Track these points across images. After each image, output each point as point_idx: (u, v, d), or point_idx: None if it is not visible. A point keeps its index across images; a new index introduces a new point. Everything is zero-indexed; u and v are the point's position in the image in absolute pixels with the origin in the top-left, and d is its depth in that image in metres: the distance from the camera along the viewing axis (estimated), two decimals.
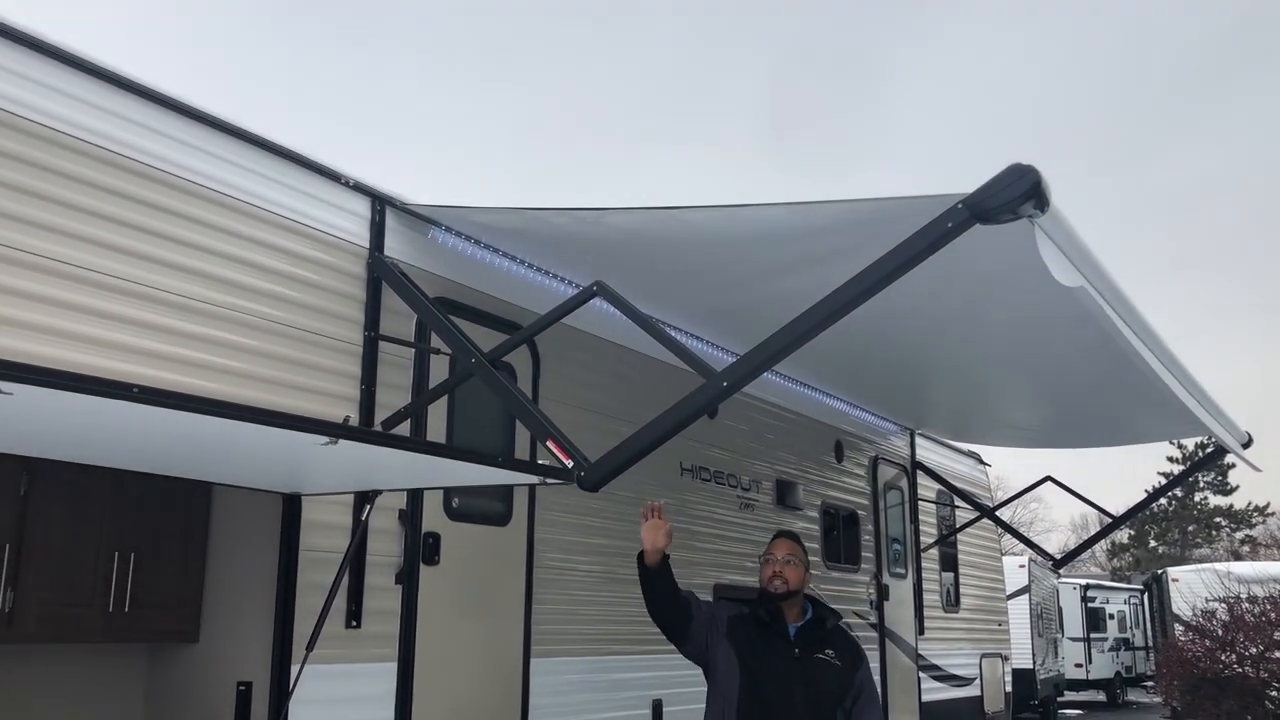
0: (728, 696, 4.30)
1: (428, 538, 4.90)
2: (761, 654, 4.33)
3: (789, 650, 4.34)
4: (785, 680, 4.28)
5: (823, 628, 4.46)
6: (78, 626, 4.06)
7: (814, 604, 4.55)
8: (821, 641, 4.41)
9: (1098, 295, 4.12)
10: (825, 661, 4.35)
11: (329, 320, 4.59)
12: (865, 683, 4.40)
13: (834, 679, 4.32)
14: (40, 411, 2.77)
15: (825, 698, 4.28)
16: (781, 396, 8.00)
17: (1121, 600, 31.89)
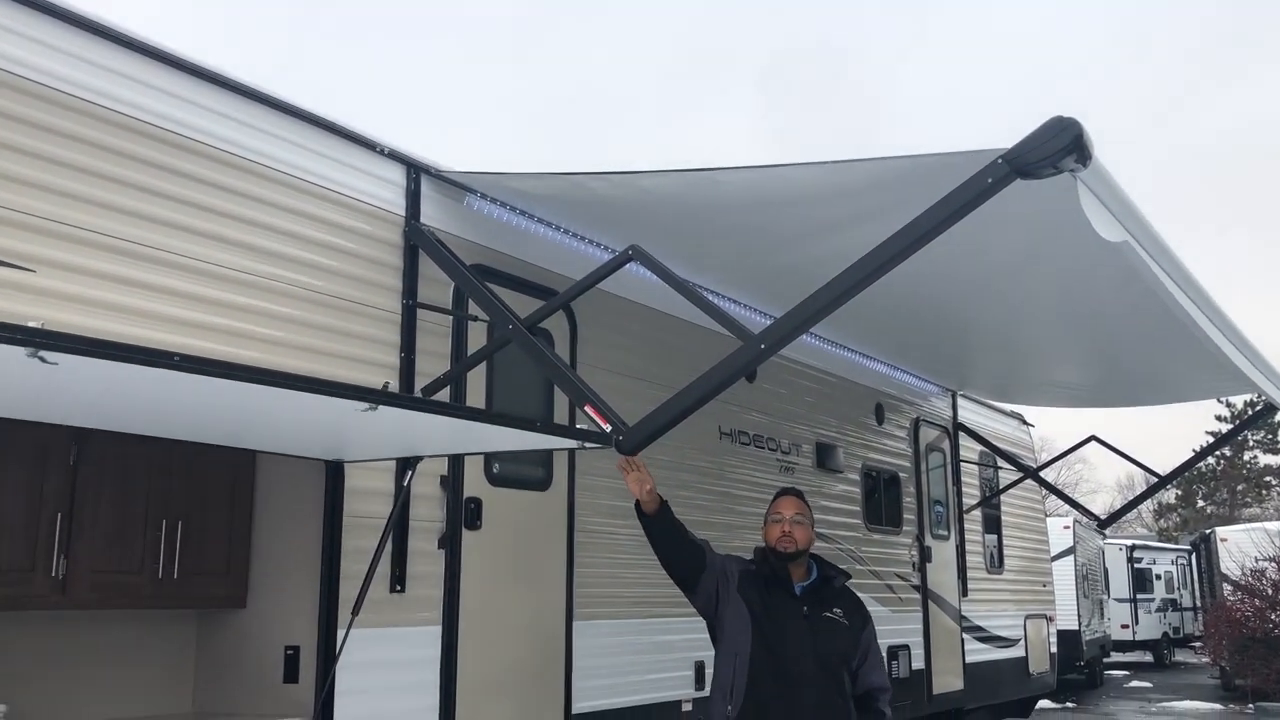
0: (739, 651, 4.28)
1: (469, 503, 4.94)
2: (772, 610, 4.31)
3: (797, 608, 4.32)
4: (796, 637, 4.27)
5: (830, 587, 4.44)
6: (128, 593, 4.14)
7: (819, 563, 4.52)
8: (829, 600, 4.39)
9: (1142, 250, 4.05)
10: (833, 620, 4.33)
11: (367, 289, 4.62)
12: (871, 643, 4.39)
13: (842, 638, 4.32)
14: (86, 382, 2.81)
15: (834, 657, 4.28)
16: (821, 359, 7.95)
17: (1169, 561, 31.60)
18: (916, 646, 8.66)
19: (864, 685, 4.33)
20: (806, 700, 4.19)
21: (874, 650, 4.39)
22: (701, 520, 6.46)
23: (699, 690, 6.17)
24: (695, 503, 6.44)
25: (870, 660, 4.37)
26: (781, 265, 5.38)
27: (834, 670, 4.26)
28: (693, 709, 6.11)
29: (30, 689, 4.03)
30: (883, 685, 4.38)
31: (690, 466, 6.47)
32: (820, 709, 4.21)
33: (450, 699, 4.68)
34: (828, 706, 4.22)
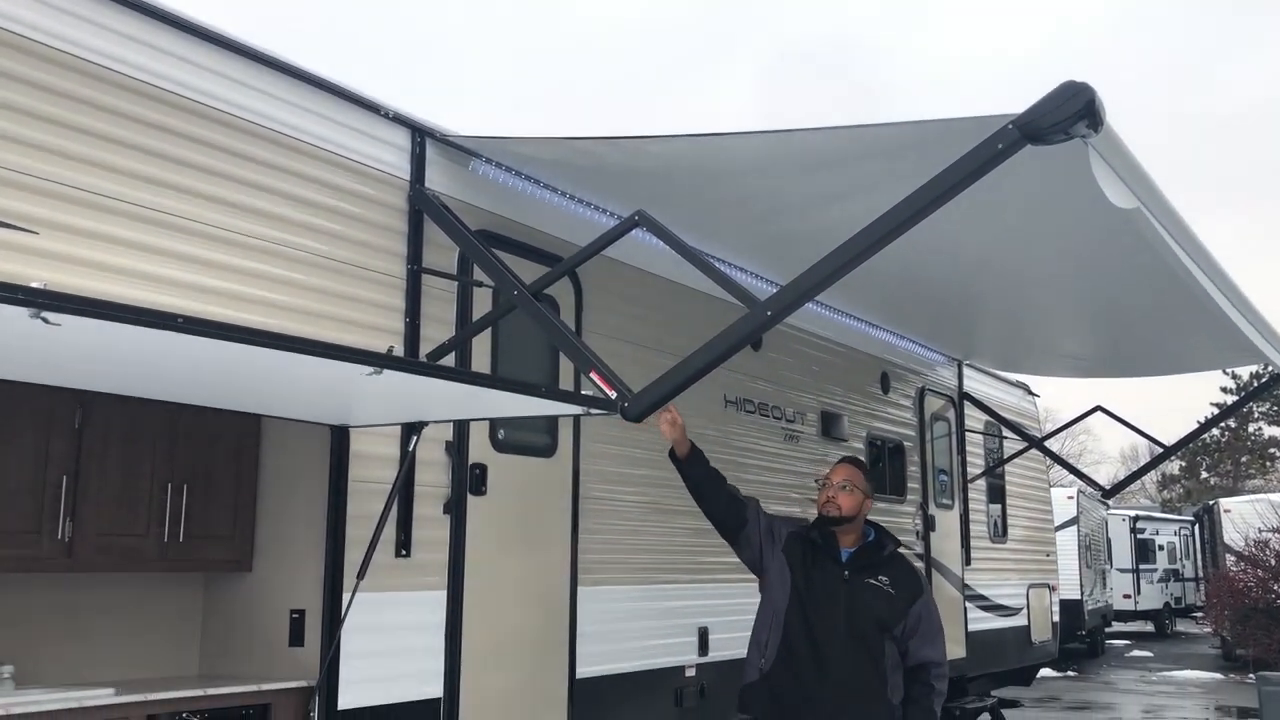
0: (776, 609, 4.41)
1: (474, 469, 4.95)
2: (811, 573, 4.40)
3: (839, 572, 4.39)
4: (831, 601, 4.33)
5: (879, 554, 4.49)
6: (134, 556, 4.16)
7: (877, 531, 4.58)
8: (875, 567, 4.43)
9: (1152, 217, 4.02)
10: (876, 587, 4.37)
11: (372, 254, 4.60)
12: (924, 616, 4.39)
13: (882, 605, 4.34)
14: (89, 344, 2.81)
15: (869, 622, 4.31)
16: (826, 328, 7.93)
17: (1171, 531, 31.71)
18: None
19: (915, 658, 4.35)
20: (835, 662, 4.25)
21: (928, 623, 4.39)
22: None
23: (702, 656, 6.21)
24: None
25: (922, 633, 4.37)
26: (788, 232, 5.35)
27: (867, 636, 4.29)
28: (695, 674, 6.14)
29: (37, 650, 4.06)
30: (935, 659, 4.38)
31: (695, 434, 6.40)
32: (848, 672, 4.26)
33: (455, 663, 4.70)
34: (856, 670, 4.26)
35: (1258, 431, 48.71)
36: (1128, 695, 17.33)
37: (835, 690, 4.24)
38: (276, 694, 4.14)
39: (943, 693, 4.40)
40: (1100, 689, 18.18)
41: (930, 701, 4.32)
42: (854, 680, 4.26)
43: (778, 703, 4.30)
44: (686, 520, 6.27)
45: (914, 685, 4.34)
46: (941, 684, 4.38)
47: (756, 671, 4.39)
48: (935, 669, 4.36)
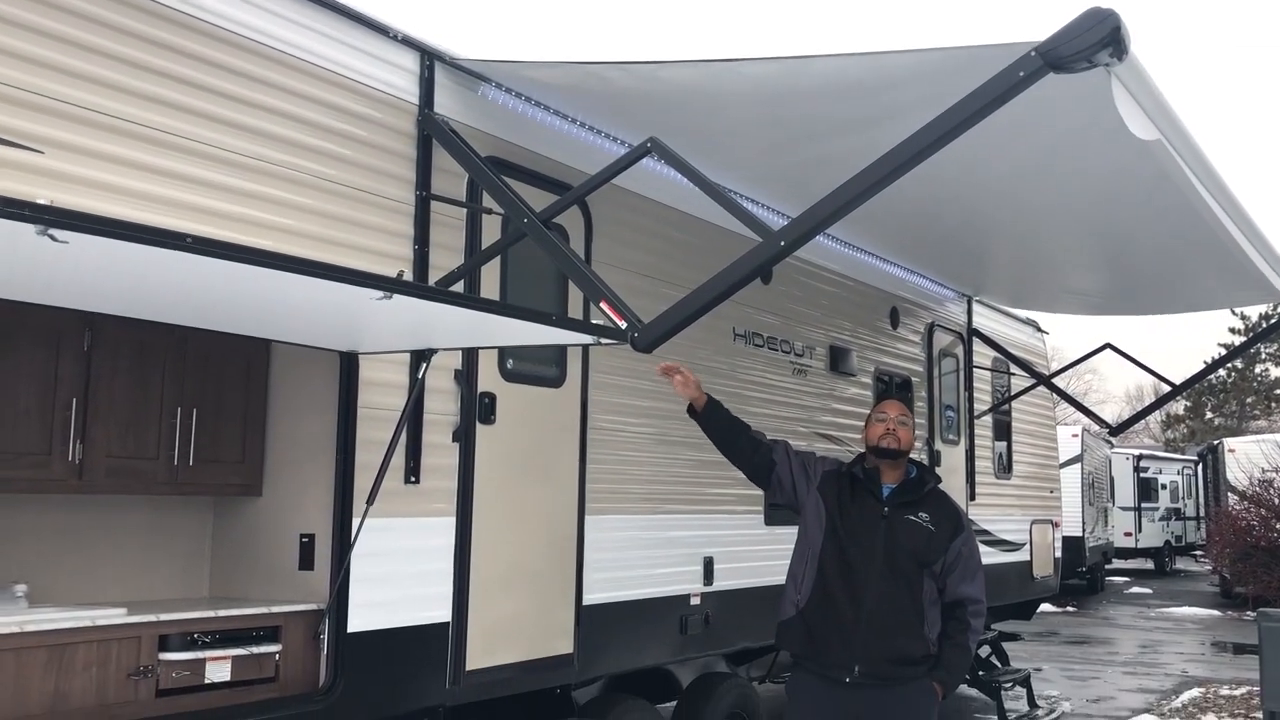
0: (812, 546, 4.40)
1: (483, 398, 4.94)
2: (849, 509, 4.37)
3: (878, 508, 4.38)
4: (868, 536, 4.32)
5: (919, 490, 4.47)
6: (144, 479, 4.17)
7: (919, 468, 4.56)
8: (915, 504, 4.41)
9: (1173, 150, 3.96)
10: (915, 523, 4.35)
11: (380, 178, 4.55)
12: (964, 553, 4.39)
13: (921, 540, 4.32)
14: (97, 264, 2.78)
15: (906, 558, 4.30)
16: (837, 262, 7.88)
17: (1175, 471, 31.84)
18: None
19: (952, 594, 4.36)
20: (870, 596, 4.25)
21: (966, 560, 4.39)
22: None
23: (707, 585, 6.26)
24: None
25: (961, 570, 4.37)
26: (803, 162, 5.28)
27: (904, 571, 4.29)
28: (700, 602, 6.20)
29: (50, 570, 4.10)
30: (973, 596, 4.38)
31: (703, 367, 6.44)
32: (884, 606, 4.25)
33: (464, 588, 4.74)
34: (892, 605, 4.26)
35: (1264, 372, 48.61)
36: (1126, 630, 17.54)
37: (871, 625, 4.23)
38: (286, 616, 4.18)
39: (978, 630, 4.43)
40: (1099, 624, 18.40)
41: (965, 638, 4.34)
42: (890, 615, 4.25)
43: (814, 638, 4.31)
44: (693, 451, 6.29)
45: (950, 621, 4.34)
46: (978, 621, 4.39)
47: (793, 607, 4.38)
48: (972, 605, 4.36)
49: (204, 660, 3.88)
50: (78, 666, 3.55)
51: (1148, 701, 11.03)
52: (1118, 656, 14.47)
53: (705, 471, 6.39)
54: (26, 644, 3.43)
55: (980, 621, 4.42)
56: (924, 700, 4.27)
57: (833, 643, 4.26)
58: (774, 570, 6.83)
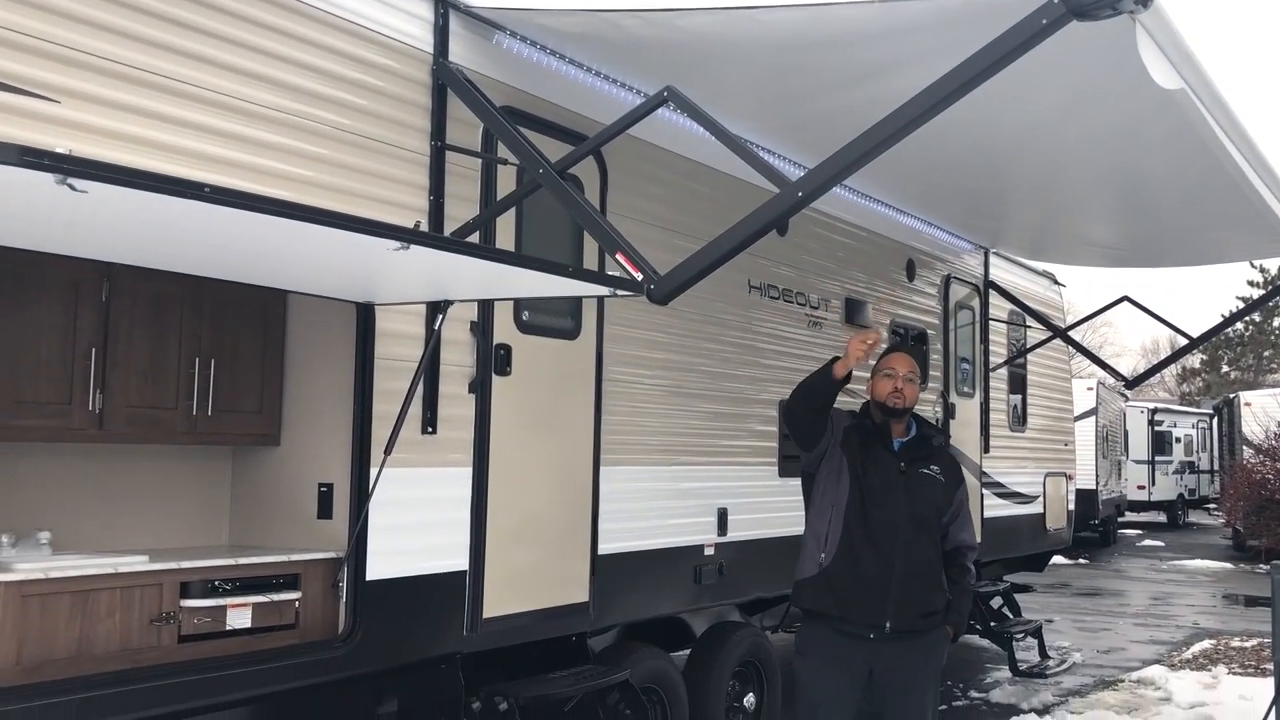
0: (835, 502, 4.41)
1: (499, 349, 4.96)
2: (869, 465, 4.42)
3: (895, 463, 4.45)
4: (889, 491, 4.38)
5: (928, 445, 4.56)
6: (164, 428, 4.21)
7: (919, 422, 4.62)
8: (926, 458, 4.50)
9: (1197, 99, 3.91)
10: (929, 476, 4.45)
11: (396, 129, 4.53)
12: (963, 501, 4.56)
13: (938, 493, 4.45)
14: (115, 214, 2.79)
15: (928, 511, 4.41)
16: (853, 213, 7.83)
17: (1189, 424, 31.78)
18: None
19: (953, 541, 4.50)
20: (898, 551, 4.33)
21: (965, 509, 4.56)
22: (727, 373, 6.48)
23: (721, 536, 6.30)
24: (721, 355, 6.45)
25: (960, 518, 4.52)
26: (821, 111, 5.23)
27: (926, 524, 4.39)
28: (714, 553, 6.24)
29: (72, 519, 4.15)
30: (970, 543, 4.56)
31: (718, 319, 6.46)
32: (911, 560, 4.33)
33: (480, 537, 4.79)
34: (918, 558, 4.35)
35: None
36: (1137, 583, 17.61)
37: (903, 583, 4.30)
38: (306, 564, 4.24)
39: (973, 573, 4.58)
40: (1110, 576, 18.47)
41: (966, 582, 4.51)
42: (918, 568, 4.34)
43: (839, 596, 4.34)
44: (707, 404, 6.32)
45: (953, 567, 4.48)
46: (972, 565, 4.57)
47: (815, 566, 4.42)
48: (970, 552, 4.53)
49: (225, 607, 3.94)
50: (101, 612, 3.60)
51: (1158, 653, 11.09)
52: (1129, 608, 14.54)
53: (720, 424, 6.41)
54: (51, 590, 3.49)
55: (971, 558, 4.57)
56: (940, 646, 4.46)
57: (861, 600, 4.31)
58: (788, 521, 6.88)
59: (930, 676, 4.45)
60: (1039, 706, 8.46)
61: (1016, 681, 9.21)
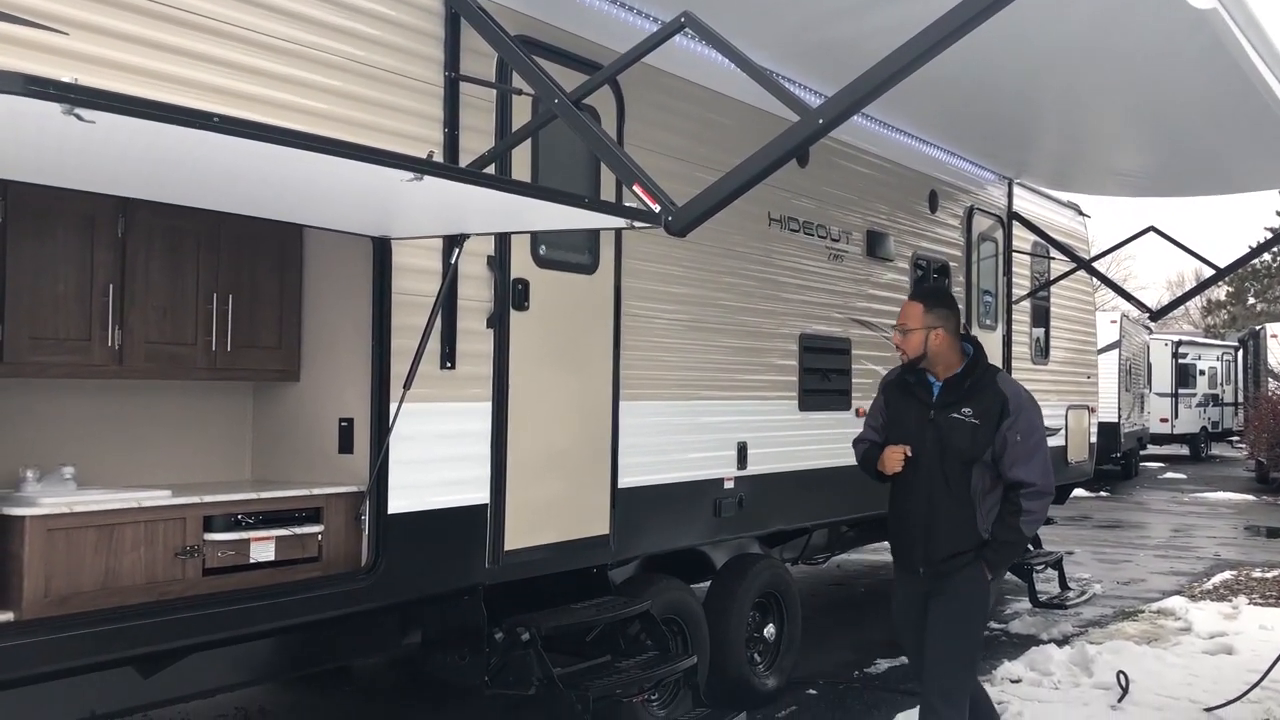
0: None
1: (517, 284, 4.93)
2: (901, 415, 4.65)
3: (925, 411, 4.54)
4: (918, 437, 4.53)
5: (958, 389, 4.53)
6: (183, 364, 4.22)
7: (967, 360, 4.59)
8: (958, 401, 4.50)
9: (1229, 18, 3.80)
10: (958, 420, 4.46)
11: (408, 59, 4.46)
12: (1009, 440, 4.42)
13: (965, 437, 4.44)
14: (127, 147, 2.76)
15: (953, 457, 4.45)
16: (875, 143, 7.71)
17: (1214, 357, 31.55)
18: None
19: (1007, 478, 4.46)
20: (927, 495, 4.50)
21: (1015, 445, 4.42)
22: (747, 307, 6.44)
23: (741, 469, 6.31)
24: (741, 289, 6.40)
25: (1011, 454, 4.42)
26: (842, 37, 5.12)
27: (954, 471, 4.45)
28: (733, 486, 6.25)
29: (97, 455, 4.18)
30: (1024, 479, 4.43)
31: (737, 253, 6.40)
32: (937, 504, 4.48)
33: (500, 471, 4.80)
34: (945, 501, 4.47)
35: None
36: (1159, 515, 17.61)
37: (930, 523, 4.50)
38: (328, 498, 4.26)
39: (1034, 511, 4.47)
40: (1132, 509, 18.47)
41: (1016, 520, 4.43)
42: (945, 511, 4.47)
43: (891, 535, 4.80)
44: (727, 338, 6.29)
45: (1004, 503, 4.48)
46: (1033, 503, 4.45)
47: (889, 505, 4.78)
48: (1025, 489, 4.42)
49: (248, 540, 3.97)
50: (126, 546, 3.64)
51: (1179, 584, 11.12)
52: (1150, 540, 14.55)
53: (739, 358, 6.38)
54: (76, 524, 3.52)
55: (1038, 503, 4.46)
56: (969, 585, 4.49)
57: (902, 541, 4.69)
58: (808, 455, 6.90)
59: (956, 615, 4.49)
60: (1059, 637, 8.51)
61: (1036, 613, 9.26)
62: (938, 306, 4.61)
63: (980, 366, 4.58)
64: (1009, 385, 4.60)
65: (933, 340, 4.53)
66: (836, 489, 7.19)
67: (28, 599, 3.39)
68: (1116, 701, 6.38)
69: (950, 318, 4.60)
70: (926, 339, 4.53)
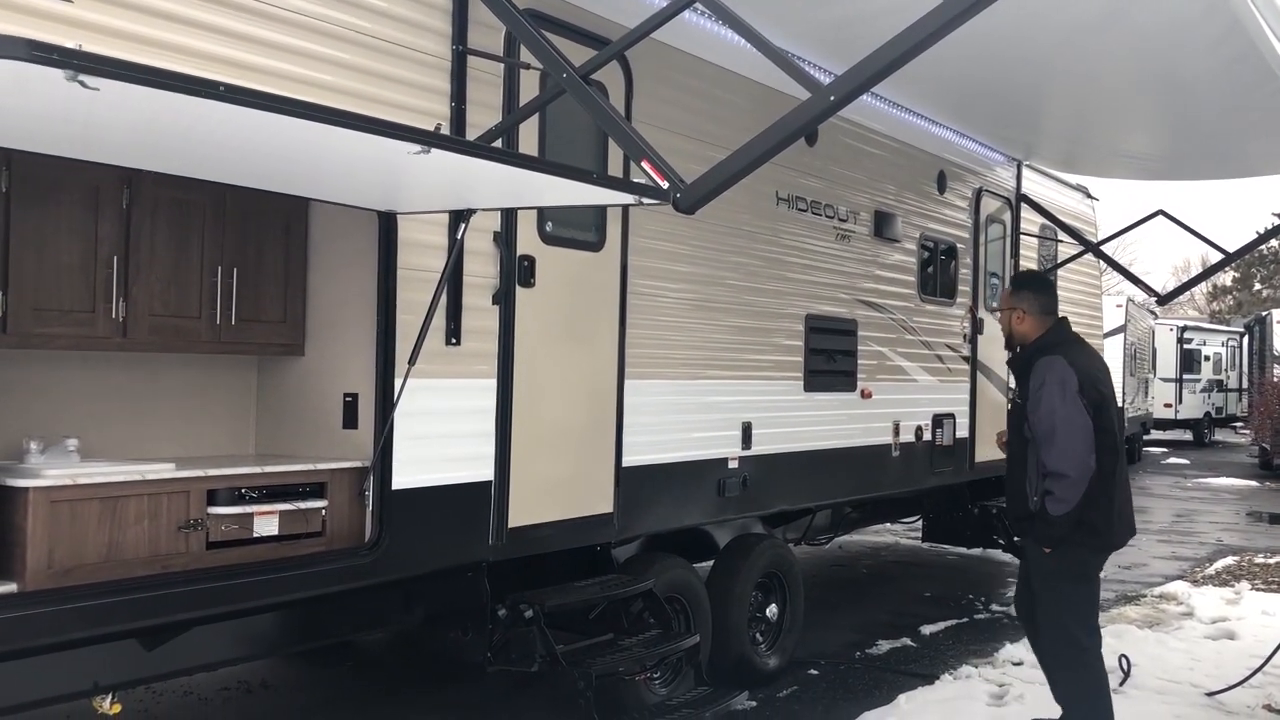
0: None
1: (523, 260, 4.90)
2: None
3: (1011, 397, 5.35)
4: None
5: (1015, 370, 5.14)
6: (187, 337, 4.20)
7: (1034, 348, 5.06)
8: (1018, 384, 5.08)
9: None
10: (1016, 403, 5.09)
11: (416, 32, 4.42)
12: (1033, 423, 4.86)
13: (1015, 418, 5.05)
14: (132, 117, 2.73)
15: (1015, 436, 5.05)
16: (884, 123, 7.65)
17: (1219, 342, 31.48)
18: (962, 416, 8.73)
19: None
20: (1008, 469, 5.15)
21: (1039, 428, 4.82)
22: (753, 286, 6.41)
23: (745, 449, 6.29)
24: (748, 268, 6.37)
25: (1037, 438, 4.85)
26: (855, 13, 5.06)
27: (1015, 448, 5.04)
28: (738, 466, 6.24)
29: (101, 427, 4.17)
30: (1045, 463, 4.80)
31: (745, 232, 6.36)
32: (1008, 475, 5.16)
33: (506, 448, 4.79)
34: (1010, 473, 5.11)
35: None
36: (1162, 500, 17.59)
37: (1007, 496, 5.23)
38: (332, 473, 4.25)
39: (1058, 494, 4.74)
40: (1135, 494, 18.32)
41: (1044, 503, 4.80)
42: (1011, 482, 5.11)
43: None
44: (733, 318, 6.26)
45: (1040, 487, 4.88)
46: (1056, 484, 4.73)
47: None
48: (1046, 478, 4.79)
49: (252, 515, 3.96)
50: (130, 518, 3.63)
51: (1181, 569, 11.11)
52: (1152, 525, 14.54)
53: (745, 338, 6.36)
54: (80, 496, 3.51)
55: (1061, 484, 4.73)
56: (1034, 551, 5.06)
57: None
58: (812, 436, 6.88)
59: (1035, 574, 5.07)
60: None
61: None
62: (1022, 289, 5.14)
63: (1033, 347, 5.01)
64: (1044, 367, 4.85)
65: (1015, 321, 5.08)
66: (840, 470, 7.18)
67: (31, 570, 3.39)
68: (1118, 685, 6.36)
69: (1033, 299, 5.07)
70: (1010, 320, 5.10)
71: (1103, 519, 4.85)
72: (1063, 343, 5.00)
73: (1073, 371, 4.78)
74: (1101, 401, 4.86)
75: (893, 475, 7.84)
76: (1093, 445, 4.73)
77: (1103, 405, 4.85)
